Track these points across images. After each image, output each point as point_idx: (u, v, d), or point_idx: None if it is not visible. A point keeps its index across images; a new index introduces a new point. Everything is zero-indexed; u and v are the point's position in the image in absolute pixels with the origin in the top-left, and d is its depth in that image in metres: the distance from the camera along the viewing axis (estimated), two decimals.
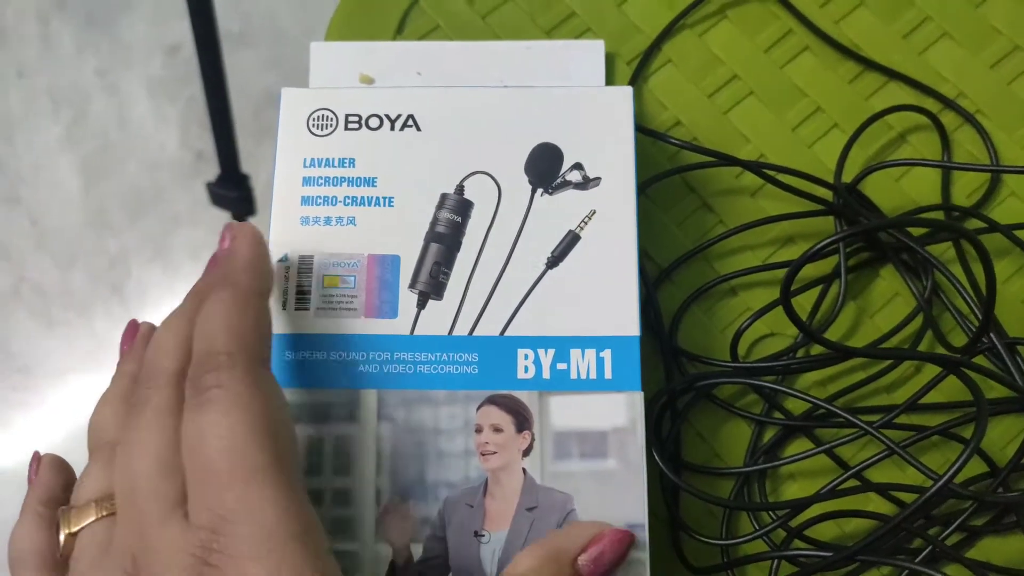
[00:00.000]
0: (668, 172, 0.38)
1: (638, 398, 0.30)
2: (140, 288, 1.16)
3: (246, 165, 0.93)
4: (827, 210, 0.37)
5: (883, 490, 0.33)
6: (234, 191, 0.90)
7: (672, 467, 0.35)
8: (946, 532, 0.33)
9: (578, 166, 0.33)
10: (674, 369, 0.36)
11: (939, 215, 0.38)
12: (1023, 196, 0.38)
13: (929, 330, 0.36)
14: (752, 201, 0.38)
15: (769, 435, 0.36)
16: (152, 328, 0.31)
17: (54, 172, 1.19)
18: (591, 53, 0.39)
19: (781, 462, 0.34)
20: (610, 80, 0.40)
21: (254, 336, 0.26)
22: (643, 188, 0.38)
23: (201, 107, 0.86)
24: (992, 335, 0.34)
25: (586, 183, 0.32)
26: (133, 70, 1.21)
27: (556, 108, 0.33)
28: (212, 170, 0.92)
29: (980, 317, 0.32)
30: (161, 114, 1.20)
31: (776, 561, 0.33)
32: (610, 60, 0.40)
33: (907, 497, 0.34)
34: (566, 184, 0.32)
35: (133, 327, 0.31)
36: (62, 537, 0.26)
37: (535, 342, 0.31)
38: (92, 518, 0.26)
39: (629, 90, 0.33)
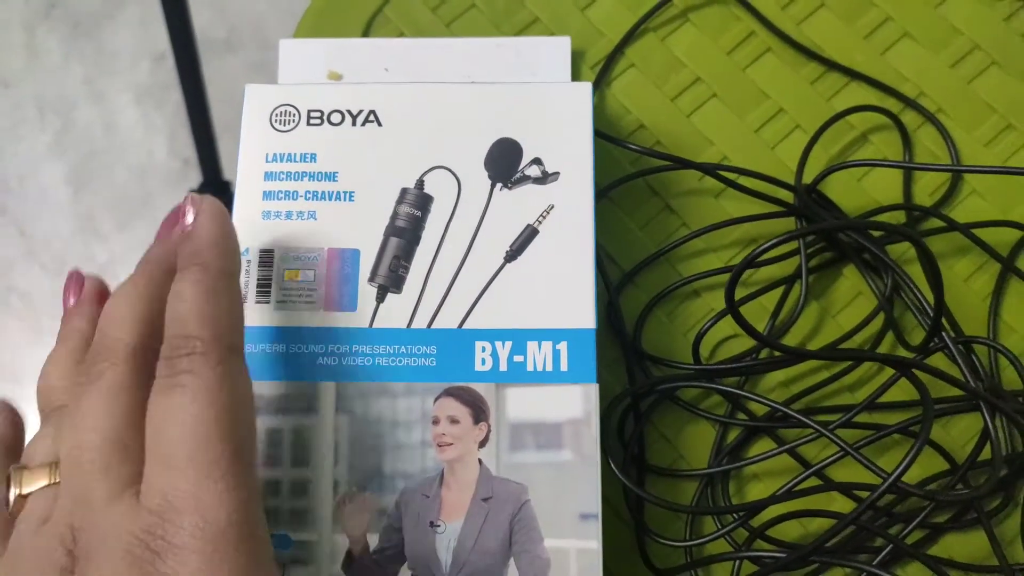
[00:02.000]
0: (630, 176, 0.38)
1: (593, 390, 0.31)
2: None
3: (231, 170, 0.94)
4: (788, 211, 0.37)
5: (845, 489, 0.33)
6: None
7: (635, 471, 0.35)
8: (906, 530, 0.33)
9: (537, 161, 0.33)
10: (637, 372, 0.36)
11: (900, 215, 0.38)
12: (984, 194, 0.39)
13: (891, 329, 0.36)
14: (715, 203, 0.39)
15: (733, 436, 0.36)
16: (99, 285, 0.30)
17: (42, 181, 1.19)
18: (558, 49, 0.40)
19: (744, 463, 0.34)
20: (575, 80, 0.40)
21: (228, 322, 0.26)
22: (606, 191, 0.38)
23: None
24: (945, 335, 0.34)
25: (545, 178, 0.33)
26: (120, 78, 1.21)
27: (516, 103, 0.33)
28: (200, 176, 0.93)
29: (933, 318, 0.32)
30: (148, 121, 1.20)
31: (738, 561, 0.33)
32: (574, 63, 0.41)
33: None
34: (525, 179, 0.33)
35: (78, 279, 0.30)
36: (12, 496, 0.25)
37: (493, 335, 0.31)
38: (45, 482, 0.25)
39: (588, 85, 0.34)
